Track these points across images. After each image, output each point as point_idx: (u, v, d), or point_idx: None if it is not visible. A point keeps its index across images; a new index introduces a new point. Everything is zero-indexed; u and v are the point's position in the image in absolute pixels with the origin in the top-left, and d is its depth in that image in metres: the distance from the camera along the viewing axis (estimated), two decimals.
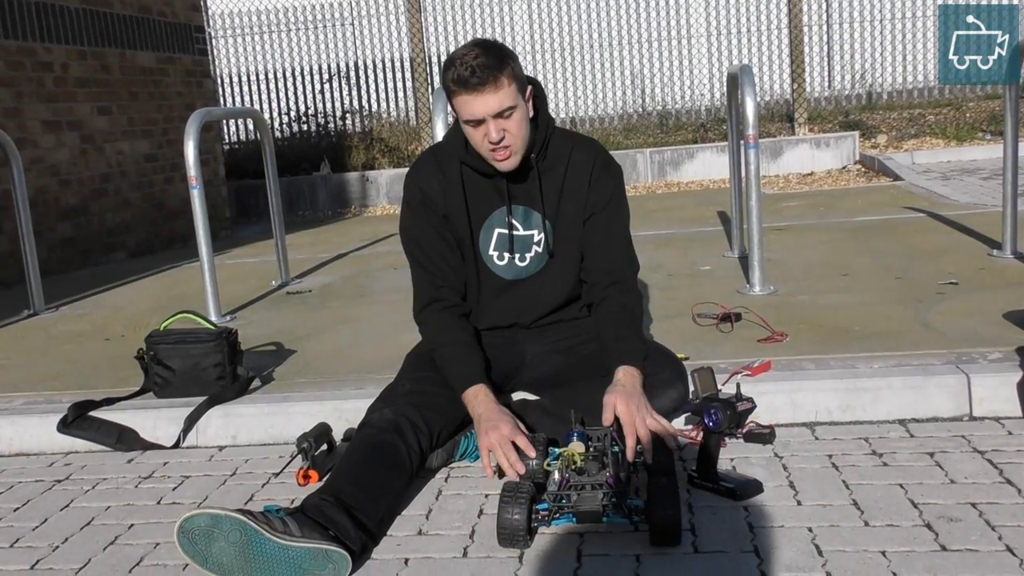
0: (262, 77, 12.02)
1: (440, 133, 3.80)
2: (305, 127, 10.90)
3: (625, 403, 2.27)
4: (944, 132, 9.62)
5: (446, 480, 2.56)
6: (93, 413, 3.12)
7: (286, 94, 11.89)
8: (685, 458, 2.57)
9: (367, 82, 11.90)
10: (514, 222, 2.61)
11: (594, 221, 2.63)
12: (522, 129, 2.45)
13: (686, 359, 3.02)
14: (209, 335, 3.23)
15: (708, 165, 9.29)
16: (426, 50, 10.49)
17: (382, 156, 10.09)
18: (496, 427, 2.35)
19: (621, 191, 2.68)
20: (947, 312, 3.50)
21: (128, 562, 2.21)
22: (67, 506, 2.61)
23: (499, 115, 2.38)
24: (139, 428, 3.06)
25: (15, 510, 2.61)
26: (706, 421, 2.30)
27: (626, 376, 2.39)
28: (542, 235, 2.63)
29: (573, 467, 2.19)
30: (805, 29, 10.17)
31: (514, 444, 2.31)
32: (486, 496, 2.42)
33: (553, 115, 2.65)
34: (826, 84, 11.44)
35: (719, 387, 2.40)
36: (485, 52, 2.35)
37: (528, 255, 2.65)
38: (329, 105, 11.62)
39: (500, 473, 2.34)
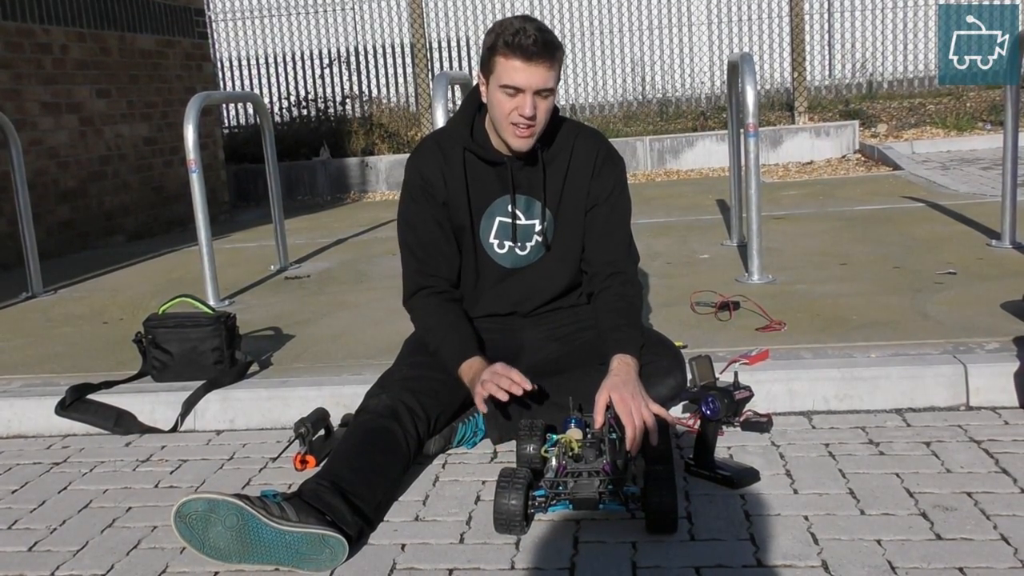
0: (262, 61, 11.98)
1: (440, 119, 3.79)
2: (305, 112, 10.87)
3: (620, 392, 2.27)
4: (944, 122, 9.60)
5: (443, 466, 2.56)
6: (91, 396, 3.12)
7: (286, 78, 11.84)
8: (682, 446, 2.57)
9: (367, 67, 11.86)
10: (516, 211, 2.61)
11: (596, 212, 2.62)
12: (547, 116, 2.46)
13: (684, 347, 3.03)
14: (207, 319, 3.23)
15: (708, 153, 9.27)
16: (427, 36, 10.45)
17: (382, 142, 10.07)
18: (490, 369, 2.40)
19: (623, 183, 2.67)
20: (945, 302, 3.51)
21: (125, 545, 2.22)
22: (65, 489, 2.61)
23: (538, 92, 2.39)
24: (137, 412, 3.06)
25: (13, 492, 2.61)
26: (703, 409, 2.31)
27: (620, 365, 2.38)
28: (543, 224, 2.62)
29: (570, 454, 2.19)
30: (806, 17, 10.15)
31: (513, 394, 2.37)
32: (483, 482, 2.43)
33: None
34: (826, 73, 11.40)
35: (717, 375, 2.41)
36: (545, 30, 2.38)
37: (529, 244, 2.64)
38: (329, 90, 11.58)
39: (494, 403, 2.38)
